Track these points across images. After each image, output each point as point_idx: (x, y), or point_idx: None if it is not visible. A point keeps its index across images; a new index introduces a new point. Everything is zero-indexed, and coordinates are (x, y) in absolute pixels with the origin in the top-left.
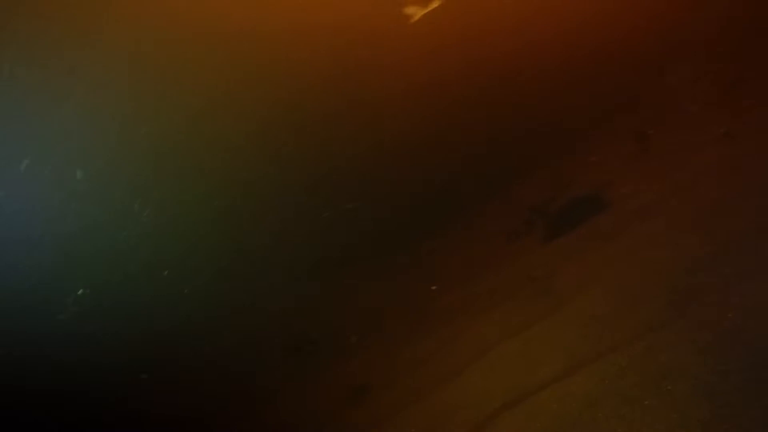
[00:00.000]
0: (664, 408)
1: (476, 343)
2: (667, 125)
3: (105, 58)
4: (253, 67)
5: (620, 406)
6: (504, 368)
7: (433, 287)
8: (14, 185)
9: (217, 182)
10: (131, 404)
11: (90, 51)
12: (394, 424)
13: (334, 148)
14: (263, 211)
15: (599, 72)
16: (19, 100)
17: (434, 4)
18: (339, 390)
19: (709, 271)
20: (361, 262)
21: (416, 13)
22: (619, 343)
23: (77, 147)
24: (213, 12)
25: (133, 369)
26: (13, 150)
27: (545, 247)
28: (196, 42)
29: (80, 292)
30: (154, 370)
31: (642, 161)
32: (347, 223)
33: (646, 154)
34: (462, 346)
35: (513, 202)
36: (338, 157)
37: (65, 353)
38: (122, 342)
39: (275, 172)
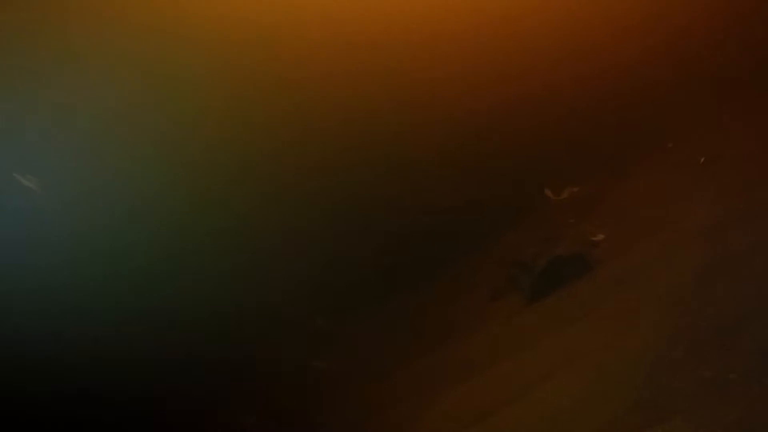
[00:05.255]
0: None
1: (437, 427)
2: (659, 186)
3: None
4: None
5: None
6: None
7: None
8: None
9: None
10: (132, 404)
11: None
12: None
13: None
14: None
15: (601, 119)
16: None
17: None
18: None
19: (676, 374)
20: (317, 321)
21: None
22: None
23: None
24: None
25: (134, 368)
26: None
27: (525, 313)
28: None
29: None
30: (155, 370)
31: (630, 221)
32: (304, 274)
33: (635, 214)
34: (421, 428)
35: (500, 255)
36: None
37: (63, 353)
38: (122, 341)
39: None
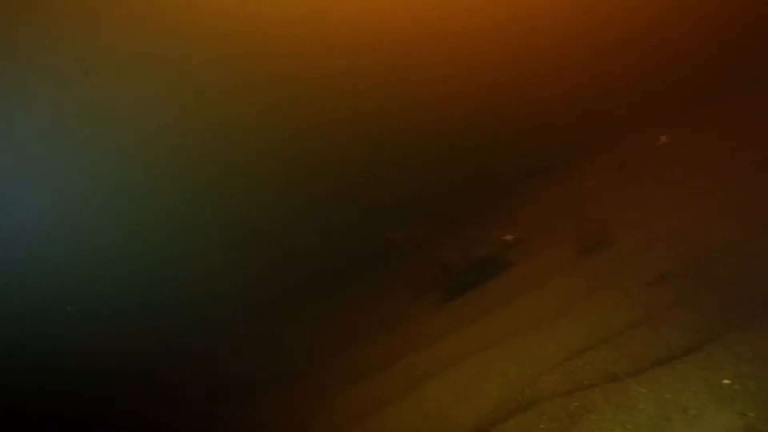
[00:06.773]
0: None
1: (340, 416)
2: (570, 196)
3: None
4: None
5: None
6: None
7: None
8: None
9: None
10: (131, 405)
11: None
12: None
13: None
14: None
15: (539, 131)
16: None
17: None
18: None
19: (545, 371)
20: (249, 320)
21: None
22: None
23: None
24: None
25: (135, 368)
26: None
27: (438, 312)
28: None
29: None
30: (156, 369)
31: (541, 229)
32: (229, 275)
33: (546, 222)
34: (325, 420)
35: (427, 258)
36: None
37: (64, 352)
38: (124, 341)
39: None
